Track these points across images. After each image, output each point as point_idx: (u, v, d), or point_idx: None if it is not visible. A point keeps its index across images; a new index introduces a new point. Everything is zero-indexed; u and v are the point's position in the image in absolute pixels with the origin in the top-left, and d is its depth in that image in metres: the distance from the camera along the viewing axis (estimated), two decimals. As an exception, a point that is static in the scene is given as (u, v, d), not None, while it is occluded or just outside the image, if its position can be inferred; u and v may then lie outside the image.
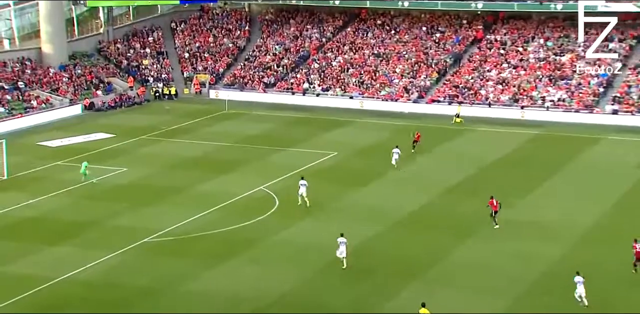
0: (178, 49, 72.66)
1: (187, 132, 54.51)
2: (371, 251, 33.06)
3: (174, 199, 39.64)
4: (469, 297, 28.65)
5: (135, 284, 29.62)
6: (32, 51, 64.78)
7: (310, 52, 70.19)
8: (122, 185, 42.09)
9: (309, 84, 66.24)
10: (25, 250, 32.66)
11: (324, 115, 60.24)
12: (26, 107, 57.59)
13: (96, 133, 53.72)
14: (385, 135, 54.16)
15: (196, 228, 35.39)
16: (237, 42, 72.91)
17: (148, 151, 49.61)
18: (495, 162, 46.91)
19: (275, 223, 36.46)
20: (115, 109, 62.20)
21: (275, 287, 29.50)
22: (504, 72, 63.30)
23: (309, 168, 45.43)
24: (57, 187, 41.06)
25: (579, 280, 27.53)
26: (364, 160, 47.47)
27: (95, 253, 32.29)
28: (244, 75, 67.95)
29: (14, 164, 43.50)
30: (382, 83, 64.89)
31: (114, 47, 71.39)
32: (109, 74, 66.90)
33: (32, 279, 29.74)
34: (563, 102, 59.56)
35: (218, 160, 47.44)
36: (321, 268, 31.17)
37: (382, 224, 36.26)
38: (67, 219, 36.64)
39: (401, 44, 69.13)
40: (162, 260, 31.95)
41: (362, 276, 28.85)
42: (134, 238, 34.11)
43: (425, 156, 48.26)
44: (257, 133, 54.38)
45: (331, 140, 52.03)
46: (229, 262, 31.82)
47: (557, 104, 59.61)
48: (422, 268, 31.16)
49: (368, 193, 41.08)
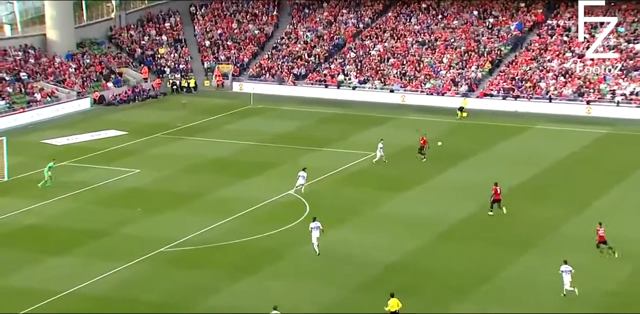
0: (198, 37, 73.19)
1: (207, 129, 54.88)
2: (414, 266, 32.96)
3: (192, 205, 39.92)
4: (525, 318, 28.43)
5: (149, 300, 29.85)
6: (36, 38, 65.76)
7: (345, 40, 70.20)
8: (135, 189, 42.50)
9: (344, 75, 66.25)
10: (26, 261, 33.12)
11: (360, 111, 60.22)
12: (29, 100, 58.48)
13: (106, 130, 54.34)
14: (430, 134, 53.83)
15: (217, 237, 35.59)
16: (264, 29, 73.22)
17: (163, 150, 50.03)
18: (556, 165, 46.47)
19: (305, 232, 36.49)
20: (127, 103, 62.87)
21: (306, 305, 29.52)
22: (567, 63, 62.64)
23: (344, 170, 45.43)
24: (62, 190, 41.60)
25: (565, 269, 29.44)
26: (405, 162, 47.31)
27: (104, 265, 32.63)
28: (271, 66, 68.24)
29: (15, 165, 44.18)
30: (427, 75, 64.66)
31: (127, 34, 72.15)
32: (121, 64, 67.64)
33: (34, 293, 30.13)
34: (636, 96, 58.72)
35: (241, 161, 47.65)
36: (357, 284, 31.12)
37: (425, 235, 36.11)
38: (73, 227, 37.09)
39: (449, 30, 68.80)
40: (179, 273, 32.18)
41: (405, 294, 28.74)
42: (148, 247, 34.41)
43: (475, 158, 47.98)
44: (285, 131, 54.53)
45: (369, 139, 51.88)
46: (253, 276, 31.93)
47: (629, 99, 58.80)
48: (471, 285, 30.99)
49: (410, 199, 40.97)
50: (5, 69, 60.76)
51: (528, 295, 30.13)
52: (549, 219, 37.75)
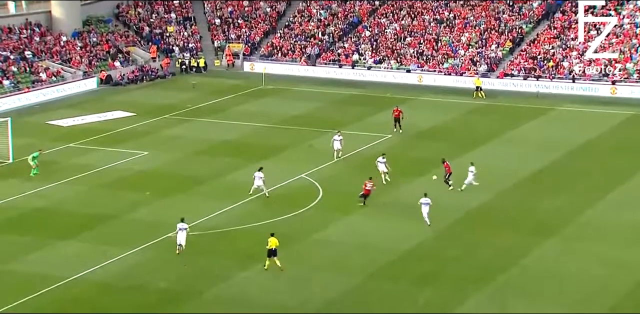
0: (208, 14, 72.70)
1: (217, 111, 54.58)
2: (431, 254, 32.66)
3: (201, 188, 39.72)
4: (545, 309, 28.07)
5: (157, 287, 29.73)
6: (41, 15, 65.48)
7: (360, 18, 69.54)
8: (143, 172, 42.32)
9: (359, 55, 65.68)
10: (32, 246, 33.04)
11: (376, 91, 59.76)
12: (34, 80, 58.28)
13: (113, 111, 54.14)
14: (448, 115, 53.51)
15: (227, 222, 35.37)
16: (276, 7, 72.63)
17: (172, 132, 49.80)
18: (580, 149, 45.94)
19: (319, 217, 36.28)
20: (135, 83, 62.60)
21: (319, 294, 29.31)
22: (591, 41, 61.76)
23: (359, 153, 45.08)
24: (69, 173, 41.48)
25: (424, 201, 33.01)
26: (422, 145, 46.91)
27: (112, 250, 32.51)
28: (282, 45, 67.74)
29: (20, 146, 44.04)
30: (445, 54, 64.00)
31: (135, 11, 71.75)
32: (129, 43, 67.29)
33: (41, 278, 30.06)
34: (664, 76, 57.97)
35: (253, 144, 47.36)
36: (372, 272, 30.88)
37: (444, 220, 35.77)
38: (80, 211, 36.97)
39: (468, 7, 68.01)
40: (188, 258, 32.01)
41: (422, 282, 28.51)
42: (156, 232, 34.26)
43: (497, 141, 47.52)
44: (298, 113, 54.17)
45: (385, 121, 51.50)
46: (265, 262, 31.70)
47: (656, 79, 58.06)
48: (490, 274, 30.65)
49: (427, 184, 40.52)
50: (9, 47, 60.50)
51: (549, 285, 29.76)
52: (571, 206, 37.32)
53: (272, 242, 30.86)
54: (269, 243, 30.85)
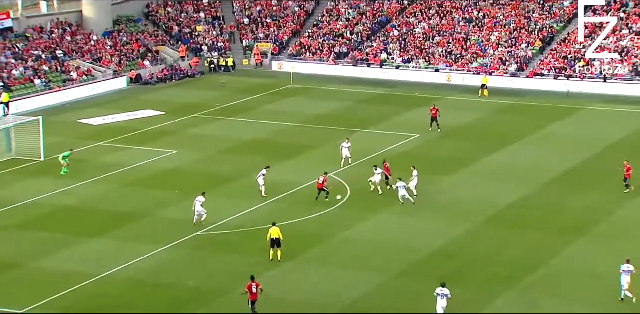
0: (237, 14, 72.97)
1: (245, 110, 54.78)
2: (460, 252, 32.57)
3: (230, 187, 39.90)
4: (575, 308, 27.90)
5: (185, 284, 29.93)
6: (73, 15, 66.14)
7: (389, 17, 69.43)
8: (172, 170, 42.59)
9: (388, 54, 65.59)
10: (62, 243, 33.40)
11: (404, 91, 59.63)
12: (65, 79, 58.89)
13: (143, 110, 54.54)
14: (477, 115, 53.27)
15: (255, 221, 35.50)
16: (305, 6, 72.72)
17: (201, 131, 50.06)
18: (611, 148, 45.55)
19: (346, 217, 36.30)
20: (164, 82, 63.00)
21: (346, 292, 29.35)
22: (623, 40, 61.14)
23: (387, 153, 45.03)
24: (99, 171, 41.86)
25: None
26: (451, 144, 46.76)
27: (141, 247, 32.77)
28: (311, 44, 67.81)
29: (51, 145, 44.51)
30: (474, 53, 63.70)
31: (164, 11, 72.20)
32: (158, 43, 67.73)
33: (71, 275, 30.39)
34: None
35: (281, 143, 47.47)
36: (400, 271, 30.86)
37: (473, 220, 35.66)
38: (110, 209, 37.31)
39: (498, 6, 67.63)
40: (216, 257, 32.21)
41: (451, 281, 28.37)
42: (185, 230, 34.48)
43: (526, 141, 47.24)
44: (326, 112, 54.22)
45: (413, 120, 51.44)
46: (293, 261, 31.82)
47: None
48: (520, 273, 30.53)
49: (456, 183, 40.46)
50: (41, 46, 61.19)
51: (579, 285, 29.57)
52: (603, 205, 37.03)
53: (273, 232, 31.06)
54: (270, 233, 30.95)
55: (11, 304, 28.16)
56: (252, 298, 27.55)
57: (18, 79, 56.48)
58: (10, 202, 37.62)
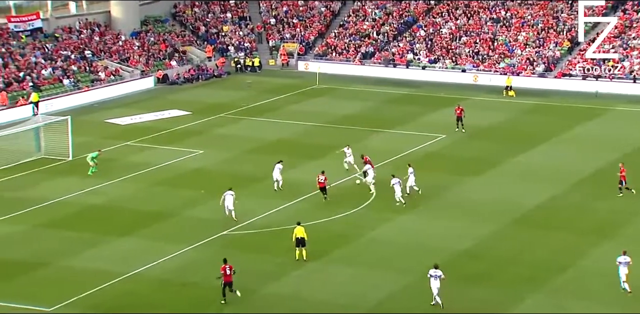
0: (263, 14, 73.17)
1: (271, 110, 54.93)
2: (486, 253, 32.46)
3: (256, 187, 40.03)
4: (603, 310, 27.68)
5: (212, 283, 30.06)
6: (101, 15, 66.70)
7: (415, 17, 69.26)
8: (198, 170, 42.82)
9: (414, 54, 65.44)
10: (90, 242, 33.72)
11: (430, 91, 59.48)
12: (93, 79, 59.40)
13: (170, 110, 54.87)
14: (504, 115, 53.01)
15: (280, 221, 35.60)
16: (331, 6, 72.75)
17: (227, 131, 50.28)
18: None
19: (372, 217, 36.30)
20: (191, 82, 63.33)
21: (371, 293, 29.36)
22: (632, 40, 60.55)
23: (413, 153, 44.95)
24: (126, 171, 42.19)
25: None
26: (478, 145, 46.57)
27: (167, 247, 33.00)
28: (337, 44, 67.83)
29: (79, 144, 44.91)
30: (501, 54, 63.37)
31: (191, 11, 72.57)
32: (185, 43, 68.12)
33: (98, 274, 30.68)
34: None
35: (306, 143, 47.54)
36: (425, 272, 30.71)
37: (499, 221, 35.51)
38: (137, 208, 37.61)
39: (525, 6, 67.21)
40: (243, 256, 32.32)
41: (476, 282, 28.38)
42: (211, 230, 34.68)
43: (553, 142, 46.95)
44: (352, 112, 54.21)
45: (439, 121, 51.29)
46: (318, 261, 31.89)
47: None
48: (546, 275, 30.36)
49: (483, 184, 40.31)
50: (70, 46, 61.76)
51: (606, 287, 29.32)
52: (630, 207, 36.73)
53: (298, 231, 31.28)
54: (295, 232, 31.13)
55: (40, 302, 28.49)
56: (226, 280, 28.33)
57: (47, 79, 57.07)
58: (40, 201, 38.04)
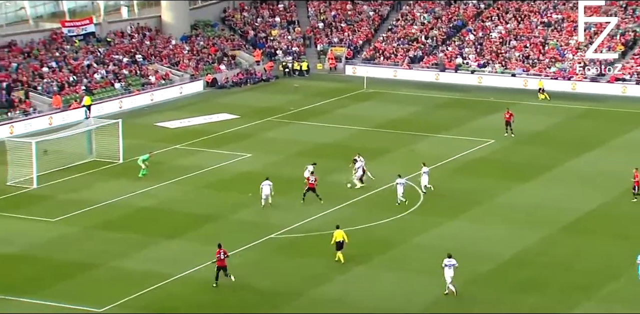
0: (311, 18, 73.44)
1: (319, 114, 55.10)
2: (535, 260, 32.13)
3: (301, 190, 40.12)
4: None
5: (259, 287, 30.28)
6: (152, 20, 67.64)
7: (465, 21, 68.88)
8: (246, 173, 43.11)
9: (463, 58, 65.06)
10: (140, 243, 34.18)
11: (479, 96, 59.08)
12: (144, 83, 60.23)
13: (218, 114, 55.35)
14: (554, 120, 52.44)
15: (327, 225, 35.60)
16: (379, 10, 72.73)
17: (275, 135, 50.57)
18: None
19: (419, 222, 36.19)
20: (239, 86, 63.82)
21: (417, 298, 29.27)
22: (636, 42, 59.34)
23: (461, 158, 44.70)
24: (175, 174, 42.68)
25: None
26: (528, 150, 46.14)
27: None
28: (385, 48, 67.79)
29: (129, 147, 45.51)
30: (552, 58, 62.65)
31: (240, 15, 73.17)
32: (234, 47, 68.71)
33: (147, 276, 31.07)
34: None
35: (353, 147, 47.48)
36: (472, 278, 30.58)
37: (549, 227, 35.13)
38: (186, 210, 38.02)
39: (577, 10, 66.23)
40: (290, 260, 32.51)
41: (526, 289, 28.11)
42: (258, 233, 34.91)
43: (605, 147, 46.34)
44: (399, 116, 54.12)
45: (488, 125, 50.91)
46: (364, 265, 31.90)
47: None
48: (598, 282, 29.93)
49: (532, 190, 39.92)
50: (122, 50, 62.74)
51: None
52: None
53: (338, 235, 31.56)
54: (335, 235, 31.44)
55: (91, 302, 28.94)
56: (220, 264, 29.63)
57: (99, 82, 58.06)
58: (92, 202, 38.69)
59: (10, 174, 40.98)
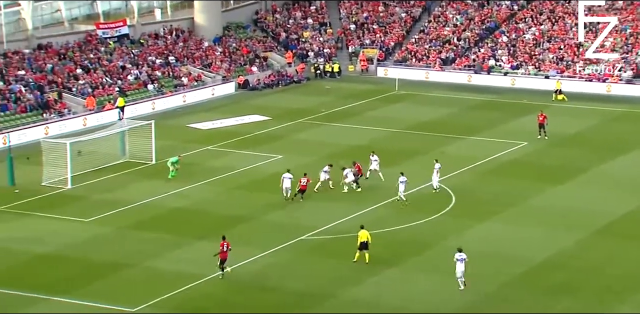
0: (343, 20, 73.48)
1: (350, 115, 55.10)
2: (569, 263, 31.85)
3: (334, 192, 40.12)
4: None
5: (290, 288, 30.36)
6: (185, 22, 68.14)
7: (498, 23, 68.48)
8: (277, 174, 42.95)
9: (496, 60, 64.69)
10: (172, 244, 34.42)
11: (512, 98, 58.71)
12: (176, 84, 60.68)
13: (250, 115, 55.58)
14: (588, 123, 51.95)
15: (358, 227, 35.57)
16: (412, 12, 72.57)
17: (306, 136, 50.67)
18: None
19: (451, 224, 36.05)
20: (271, 88, 64.01)
21: (450, 301, 29.15)
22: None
23: (493, 160, 44.46)
24: (207, 175, 42.92)
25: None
26: (562, 152, 45.76)
27: (246, 250, 33.36)
28: (417, 50, 67.62)
29: (162, 148, 45.84)
30: (587, 60, 62.07)
31: (272, 17, 73.41)
32: (266, 48, 68.95)
33: (179, 276, 31.26)
34: None
35: (385, 149, 47.42)
36: (507, 280, 30.41)
37: (583, 230, 34.83)
38: (218, 211, 38.22)
39: (613, 11, 65.65)
40: (321, 261, 32.54)
41: (560, 292, 27.88)
42: (290, 234, 34.98)
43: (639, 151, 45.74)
44: (431, 118, 53.96)
45: (521, 128, 50.59)
46: (396, 268, 31.84)
47: None
48: (633, 287, 29.62)
49: (566, 192, 39.61)
50: (155, 52, 63.25)
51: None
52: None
53: (362, 235, 31.68)
54: (360, 235, 31.60)
55: (124, 302, 29.19)
56: (222, 257, 30.59)
57: (132, 84, 58.60)
58: (125, 203, 39.04)
59: (45, 175, 41.49)
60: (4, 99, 52.11)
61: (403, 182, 37.89)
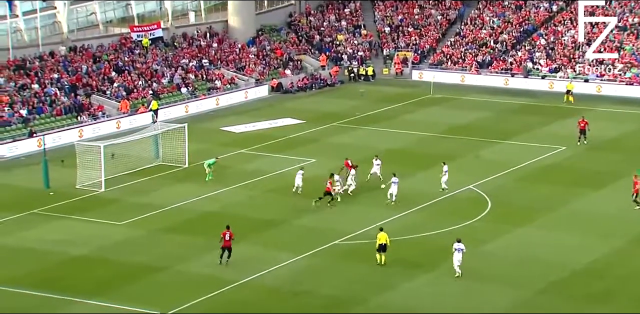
0: (378, 22, 73.45)
1: (384, 119, 55.06)
2: (606, 270, 31.55)
3: (366, 197, 40.15)
4: None
5: (323, 293, 30.39)
6: (219, 24, 68.61)
7: (536, 26, 67.99)
8: (311, 178, 43.05)
9: (533, 63, 64.22)
10: (205, 247, 34.57)
11: (550, 101, 58.24)
12: (210, 87, 61.09)
13: (283, 118, 55.77)
14: (629, 127, 51.35)
15: (393, 231, 35.45)
16: (447, 14, 72.33)
17: (340, 140, 50.72)
18: None
19: (487, 229, 35.86)
20: (304, 91, 64.17)
21: (487, 307, 28.98)
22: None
23: (530, 165, 44.13)
24: (240, 178, 43.14)
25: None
26: (601, 157, 45.30)
27: (279, 255, 33.54)
28: (452, 53, 67.37)
29: (195, 152, 46.18)
30: (628, 63, 61.36)
31: (306, 19, 73.59)
32: (300, 51, 69.13)
33: (211, 280, 31.43)
34: None
35: (419, 153, 47.43)
36: (543, 287, 30.17)
37: (621, 237, 34.46)
38: (250, 215, 38.39)
39: (654, 13, 64.90)
40: (354, 266, 32.53)
41: (597, 300, 27.58)
42: (323, 239, 35.04)
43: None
44: (467, 122, 53.72)
45: (559, 132, 50.16)
46: (430, 274, 31.74)
47: None
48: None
49: (604, 198, 39.21)
50: (189, 55, 63.74)
51: None
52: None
53: (381, 237, 32.05)
54: (379, 237, 31.96)
55: (155, 306, 29.42)
56: (224, 245, 31.93)
57: (166, 87, 59.12)
58: (158, 206, 39.37)
59: (79, 178, 42.01)
60: (40, 102, 52.88)
61: (395, 183, 38.13)
